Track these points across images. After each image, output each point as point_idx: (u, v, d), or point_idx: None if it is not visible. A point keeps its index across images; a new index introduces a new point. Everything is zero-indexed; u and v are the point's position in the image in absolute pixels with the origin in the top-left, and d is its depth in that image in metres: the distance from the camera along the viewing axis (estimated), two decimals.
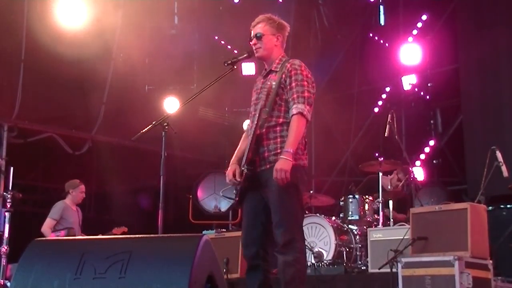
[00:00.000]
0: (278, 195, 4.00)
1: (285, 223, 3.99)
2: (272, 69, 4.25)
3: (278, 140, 4.08)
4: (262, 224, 4.11)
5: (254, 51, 4.27)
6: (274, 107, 4.10)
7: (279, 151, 4.04)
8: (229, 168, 4.23)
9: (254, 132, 4.07)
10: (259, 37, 4.24)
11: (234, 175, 4.15)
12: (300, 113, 4.02)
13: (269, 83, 4.19)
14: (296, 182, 4.04)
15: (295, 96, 4.07)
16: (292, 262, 3.98)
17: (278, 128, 4.10)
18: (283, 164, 3.93)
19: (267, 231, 4.11)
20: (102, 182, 10.77)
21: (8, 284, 6.24)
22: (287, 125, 4.08)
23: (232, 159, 4.29)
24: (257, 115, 4.10)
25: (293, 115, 4.04)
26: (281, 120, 4.10)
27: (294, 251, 4.00)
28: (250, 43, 4.28)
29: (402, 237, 5.80)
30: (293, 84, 4.10)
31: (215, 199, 9.29)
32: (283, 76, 4.14)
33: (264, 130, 4.07)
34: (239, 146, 4.36)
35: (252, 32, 4.30)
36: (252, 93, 4.41)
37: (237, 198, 4.16)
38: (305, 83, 4.11)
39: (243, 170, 4.06)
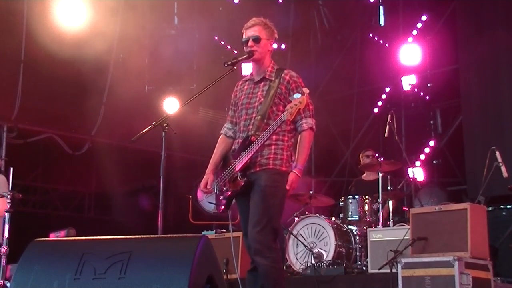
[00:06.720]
0: (264, 195, 4.05)
1: (263, 223, 4.01)
2: (266, 76, 4.30)
3: (273, 147, 4.16)
4: None
5: (250, 53, 4.28)
6: (271, 115, 4.16)
7: (271, 156, 4.13)
8: (204, 177, 4.35)
9: (249, 138, 4.13)
10: (256, 40, 4.26)
11: (206, 185, 4.30)
12: (311, 128, 4.18)
13: (263, 90, 4.26)
14: (285, 187, 4.13)
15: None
16: (272, 265, 4.00)
17: (274, 137, 4.16)
18: (294, 180, 4.09)
19: None
20: (102, 182, 10.78)
21: (8, 284, 6.22)
22: (283, 134, 4.18)
23: (208, 168, 4.39)
24: (253, 121, 4.18)
25: (304, 130, 4.17)
26: (277, 129, 4.15)
27: (271, 252, 4.02)
28: (247, 45, 4.28)
29: (402, 238, 5.81)
30: None
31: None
32: (281, 87, 4.21)
33: (260, 137, 4.11)
34: (215, 150, 4.45)
35: (246, 33, 4.32)
36: (234, 95, 4.46)
37: (222, 207, 4.25)
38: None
39: (237, 177, 4.14)
